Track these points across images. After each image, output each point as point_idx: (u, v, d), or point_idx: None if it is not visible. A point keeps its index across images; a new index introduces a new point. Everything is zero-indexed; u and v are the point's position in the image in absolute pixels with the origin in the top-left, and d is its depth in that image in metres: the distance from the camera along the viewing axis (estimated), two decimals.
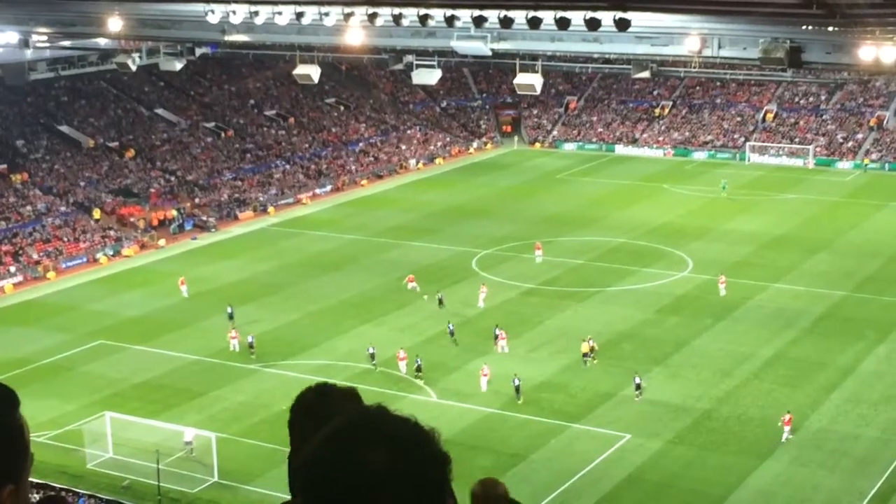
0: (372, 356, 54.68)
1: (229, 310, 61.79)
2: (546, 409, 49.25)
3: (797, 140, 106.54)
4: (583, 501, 41.33)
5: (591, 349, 54.54)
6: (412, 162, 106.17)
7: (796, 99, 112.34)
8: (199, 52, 71.97)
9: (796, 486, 42.43)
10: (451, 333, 57.58)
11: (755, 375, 52.46)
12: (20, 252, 75.37)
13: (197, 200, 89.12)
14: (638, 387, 50.37)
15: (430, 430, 2.62)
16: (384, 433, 2.55)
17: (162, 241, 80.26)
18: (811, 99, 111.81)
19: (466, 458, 43.27)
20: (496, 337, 56.80)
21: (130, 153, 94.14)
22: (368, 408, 2.65)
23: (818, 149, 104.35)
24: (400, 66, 70.31)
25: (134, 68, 69.93)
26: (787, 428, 46.00)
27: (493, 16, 42.31)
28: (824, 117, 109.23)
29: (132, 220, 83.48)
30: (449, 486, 2.63)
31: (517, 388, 50.34)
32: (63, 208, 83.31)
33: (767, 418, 47.53)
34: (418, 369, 53.00)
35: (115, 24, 56.97)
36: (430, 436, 2.61)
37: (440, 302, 62.55)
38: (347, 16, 46.21)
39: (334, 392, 3.86)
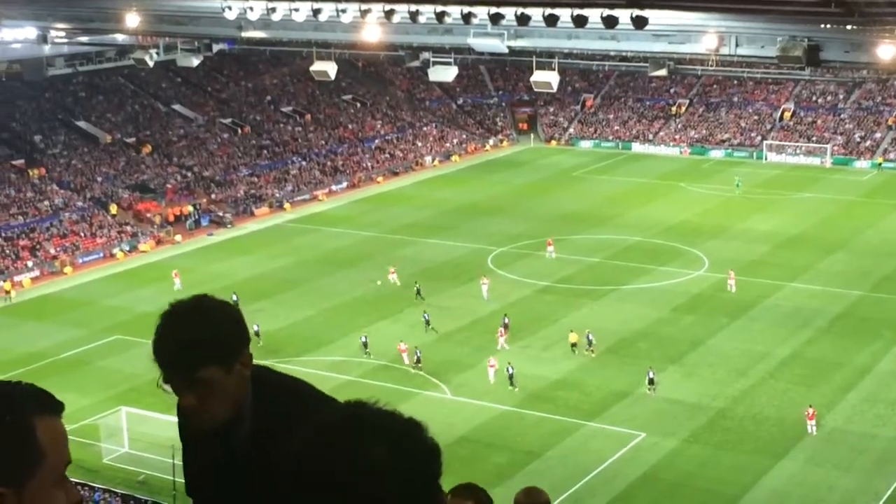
0: (364, 345, 55.47)
1: (234, 297, 62.25)
2: (561, 407, 49.24)
3: (814, 139, 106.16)
4: (597, 500, 41.32)
5: (589, 342, 54.96)
6: (428, 159, 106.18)
7: (814, 97, 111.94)
8: (216, 48, 72.02)
9: (811, 486, 42.34)
10: (427, 322, 58.43)
11: (771, 375, 52.32)
12: (37, 247, 75.67)
13: (213, 196, 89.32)
14: (651, 381, 50.48)
15: (421, 423, 2.60)
16: (380, 427, 2.52)
17: (178, 237, 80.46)
18: (829, 98, 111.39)
19: (482, 455, 43.32)
20: (505, 326, 57.49)
21: (147, 149, 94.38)
22: (356, 403, 2.61)
23: (835, 148, 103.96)
24: (416, 63, 70.20)
25: (151, 64, 70.03)
26: (811, 422, 46.04)
27: (509, 13, 42.29)
28: (842, 116, 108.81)
29: (148, 215, 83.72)
30: (440, 478, 2.62)
31: (510, 377, 51.05)
32: (80, 203, 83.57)
33: (783, 418, 47.45)
34: (417, 361, 53.52)
35: (132, 20, 57.12)
36: (423, 428, 2.59)
37: (418, 292, 63.17)
38: (364, 12, 46.23)
39: (213, 303, 3.79)
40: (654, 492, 42.19)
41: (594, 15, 39.86)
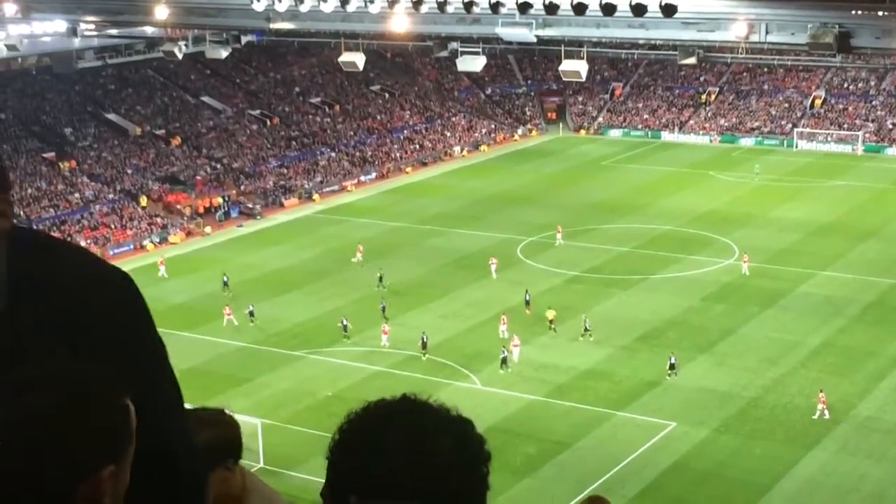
0: (344, 328, 56.24)
1: (225, 279, 63.55)
2: (590, 397, 49.15)
3: (846, 126, 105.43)
4: (627, 489, 41.22)
5: (585, 328, 55.48)
6: (457, 149, 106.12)
7: (845, 85, 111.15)
8: (244, 40, 72.24)
9: (843, 475, 42.11)
10: (383, 310, 59.03)
11: (802, 364, 52.06)
12: (68, 239, 76.11)
13: (242, 188, 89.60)
14: (672, 366, 50.52)
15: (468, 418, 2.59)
16: (442, 420, 2.49)
17: (208, 229, 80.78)
18: (860, 84, 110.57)
19: (511, 445, 43.29)
20: (527, 303, 59.09)
21: (177, 141, 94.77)
22: (411, 396, 2.54)
23: (867, 135, 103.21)
24: (445, 54, 70.16)
25: (180, 56, 70.31)
26: (821, 406, 46.18)
27: (537, 2, 42.20)
28: (873, 103, 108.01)
29: (178, 207, 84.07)
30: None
31: (503, 360, 51.80)
32: (111, 196, 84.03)
33: (814, 407, 47.17)
34: (423, 346, 53.89)
35: (161, 12, 57.34)
36: (473, 423, 2.58)
37: (380, 279, 64.10)
38: (392, 3, 46.21)
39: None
40: (684, 481, 42.07)
41: (623, 3, 39.74)
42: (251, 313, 59.11)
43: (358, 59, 67.78)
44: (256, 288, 64.72)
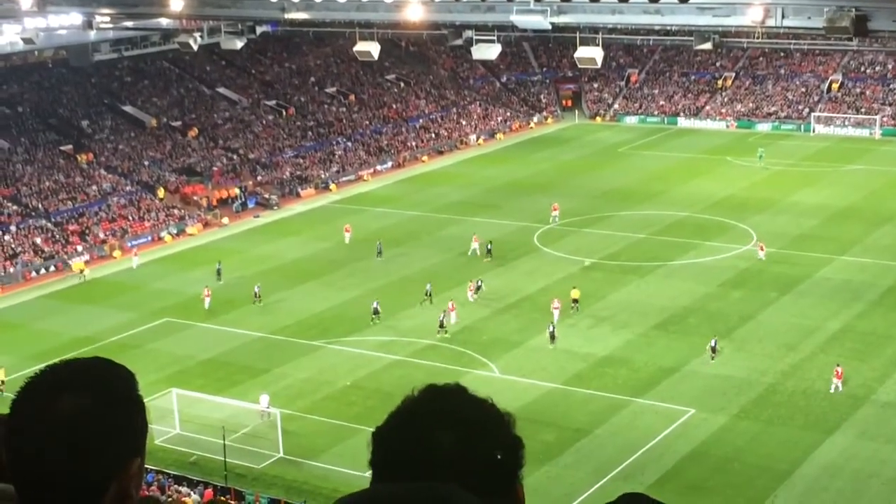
0: (375, 311, 57.38)
1: (218, 266, 64.79)
2: (609, 384, 49.14)
3: (863, 110, 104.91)
4: (646, 476, 41.22)
5: (478, 287, 59.08)
6: (472, 137, 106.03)
7: (862, 68, 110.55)
8: (259, 30, 72.21)
9: (863, 460, 42.02)
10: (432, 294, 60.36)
11: (821, 349, 51.92)
12: (87, 231, 76.39)
13: (259, 178, 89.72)
14: (713, 349, 50.69)
15: (503, 415, 2.62)
16: (456, 415, 2.55)
17: (225, 220, 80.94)
18: (877, 68, 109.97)
19: (530, 432, 43.09)
20: (488, 251, 62.81)
21: (193, 132, 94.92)
22: (445, 387, 2.63)
23: (885, 119, 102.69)
24: (459, 42, 69.99)
25: (195, 48, 70.38)
26: (837, 380, 46.39)
27: None
28: (891, 86, 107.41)
29: (195, 198, 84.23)
30: (518, 471, 2.61)
31: (551, 335, 53.01)
32: (128, 187, 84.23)
33: (834, 392, 47.07)
34: (441, 325, 54.92)
35: (176, 3, 57.41)
36: (501, 420, 2.60)
37: (379, 252, 68.25)
38: None
39: None
40: (703, 468, 42.04)
41: None
42: (257, 295, 61.25)
43: (373, 49, 67.71)
44: (274, 278, 64.82)
